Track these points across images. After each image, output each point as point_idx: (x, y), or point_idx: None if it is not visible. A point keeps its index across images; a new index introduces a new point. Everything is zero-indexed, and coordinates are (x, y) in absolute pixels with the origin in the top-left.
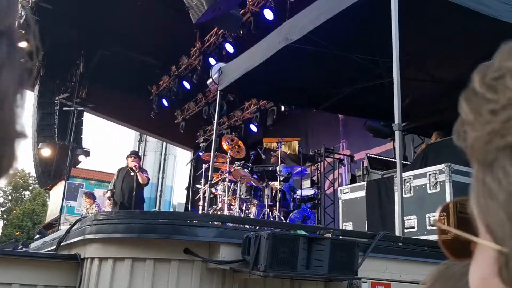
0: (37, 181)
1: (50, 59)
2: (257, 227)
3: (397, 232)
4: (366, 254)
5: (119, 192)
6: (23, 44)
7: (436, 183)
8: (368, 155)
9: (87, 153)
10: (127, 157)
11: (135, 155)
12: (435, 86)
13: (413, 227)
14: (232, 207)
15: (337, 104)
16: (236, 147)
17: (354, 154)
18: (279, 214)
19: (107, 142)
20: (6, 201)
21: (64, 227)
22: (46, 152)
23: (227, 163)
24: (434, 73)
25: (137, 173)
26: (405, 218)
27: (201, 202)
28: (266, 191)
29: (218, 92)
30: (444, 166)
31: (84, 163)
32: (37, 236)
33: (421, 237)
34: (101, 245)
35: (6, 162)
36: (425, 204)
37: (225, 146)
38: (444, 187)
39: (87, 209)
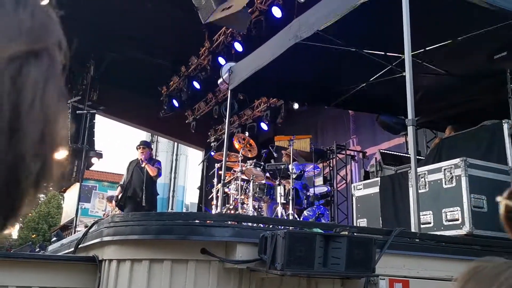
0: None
1: None
2: (273, 226)
3: (413, 228)
4: (383, 251)
5: (128, 186)
6: None
7: (452, 177)
8: (381, 150)
9: (99, 155)
10: (137, 148)
11: (144, 145)
12: (448, 80)
13: (429, 223)
14: (245, 205)
15: (349, 100)
16: (248, 145)
17: (363, 149)
18: (292, 212)
19: (119, 144)
20: None
21: (79, 229)
22: (59, 155)
23: (239, 162)
24: (447, 67)
25: (146, 165)
26: (421, 213)
27: (214, 202)
28: (279, 189)
29: (229, 91)
30: (460, 160)
31: (97, 165)
32: (54, 238)
33: (438, 233)
34: (119, 247)
35: (56, 170)
36: (440, 199)
37: (236, 145)
38: (460, 182)
39: (111, 213)
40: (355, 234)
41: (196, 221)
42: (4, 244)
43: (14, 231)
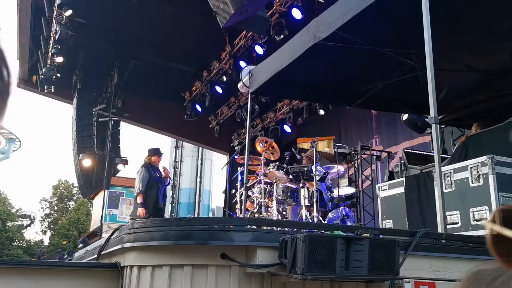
0: (80, 191)
1: (86, 72)
2: (294, 229)
3: (440, 229)
4: (407, 253)
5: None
6: (59, 59)
7: (479, 176)
8: (405, 150)
9: (125, 162)
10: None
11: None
12: (472, 76)
13: (457, 223)
14: (269, 209)
15: (371, 100)
16: (270, 148)
17: (385, 149)
18: (317, 214)
19: (145, 150)
20: (52, 211)
21: (106, 235)
22: (87, 162)
23: (261, 165)
24: (470, 63)
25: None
26: (447, 213)
27: (238, 206)
28: (303, 192)
29: (249, 94)
30: (487, 158)
31: (124, 171)
32: (81, 245)
33: (466, 233)
34: (139, 253)
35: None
36: (467, 198)
37: (259, 148)
38: (487, 180)
39: None
40: (378, 236)
41: (215, 226)
42: (36, 251)
43: (45, 238)
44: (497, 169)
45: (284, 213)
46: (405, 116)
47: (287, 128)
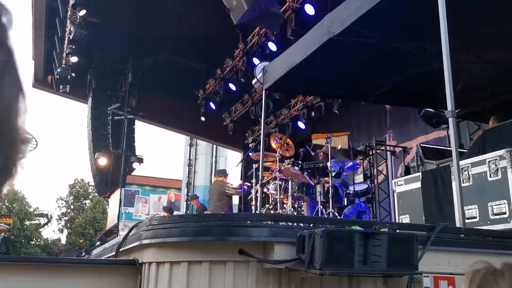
0: (95, 189)
1: (100, 71)
2: (311, 225)
3: (458, 223)
4: (426, 248)
5: None
6: (74, 59)
7: (497, 169)
8: (421, 145)
9: (140, 160)
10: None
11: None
12: (489, 68)
13: (475, 217)
14: (284, 205)
15: (386, 95)
16: (285, 145)
17: (399, 144)
18: (332, 210)
19: (159, 148)
20: (69, 210)
21: (123, 233)
22: (103, 161)
23: (276, 162)
24: (487, 55)
25: None
26: (465, 208)
27: (253, 202)
28: (318, 188)
29: (263, 91)
30: (505, 152)
31: (139, 169)
32: (98, 243)
33: (484, 227)
34: (157, 250)
35: (13, 166)
36: (486, 192)
37: (273, 145)
38: (506, 174)
39: None
40: (396, 230)
41: (233, 222)
42: (54, 250)
43: (62, 237)
44: None
45: (300, 209)
46: (421, 111)
47: (301, 125)
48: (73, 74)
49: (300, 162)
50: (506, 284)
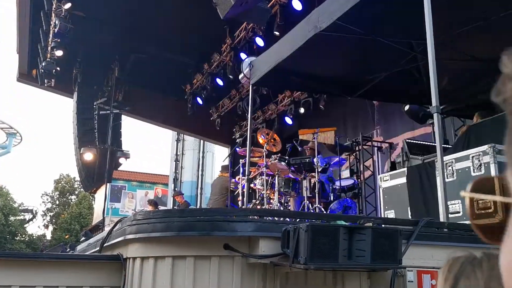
0: (81, 185)
1: (86, 65)
2: (296, 220)
3: (442, 218)
4: (410, 242)
5: None
6: (59, 53)
7: (480, 165)
8: (407, 140)
9: (127, 155)
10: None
11: None
12: (474, 65)
13: (458, 212)
14: (271, 200)
15: (372, 90)
16: (272, 140)
17: (386, 140)
18: (319, 205)
19: (146, 143)
20: (54, 206)
21: (108, 229)
22: (88, 156)
23: (263, 157)
24: (472, 52)
25: None
26: (449, 203)
27: (240, 198)
28: (305, 183)
29: (250, 86)
30: (488, 147)
31: (126, 165)
32: (83, 238)
33: (467, 222)
34: (142, 245)
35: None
36: None
37: (260, 140)
38: (489, 169)
39: None
40: (381, 225)
41: (218, 216)
42: (39, 246)
43: (48, 233)
44: (498, 158)
45: (286, 204)
46: (406, 107)
47: (288, 120)
48: (58, 68)
49: (287, 157)
50: (484, 274)
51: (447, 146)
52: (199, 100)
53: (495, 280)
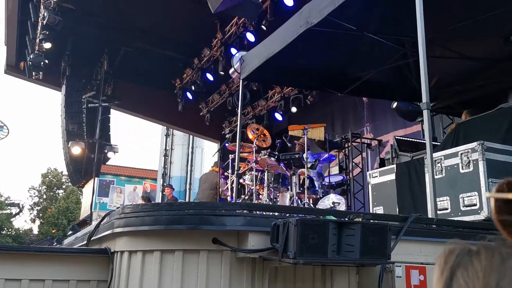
0: (69, 179)
1: (74, 58)
2: (286, 214)
3: (430, 214)
4: (399, 238)
5: None
6: (47, 45)
7: (469, 162)
8: (396, 137)
9: (115, 149)
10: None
11: None
12: (464, 63)
13: (446, 209)
14: (260, 196)
15: (362, 87)
16: (262, 136)
17: (378, 137)
18: (308, 201)
19: (135, 138)
20: (41, 200)
21: (95, 223)
22: (76, 150)
23: (253, 153)
24: (462, 50)
25: None
26: (437, 199)
27: (229, 193)
28: (294, 179)
29: (241, 81)
30: (477, 144)
31: (114, 159)
32: (70, 232)
33: (456, 219)
34: (130, 238)
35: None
36: (458, 184)
37: (250, 135)
38: (477, 166)
39: None
40: (370, 220)
41: (207, 210)
42: (25, 240)
43: (34, 227)
44: (487, 155)
45: (275, 200)
46: (395, 104)
47: (278, 116)
48: (46, 61)
49: (276, 153)
50: (482, 264)
51: (436, 143)
52: (189, 95)
53: (495, 271)
